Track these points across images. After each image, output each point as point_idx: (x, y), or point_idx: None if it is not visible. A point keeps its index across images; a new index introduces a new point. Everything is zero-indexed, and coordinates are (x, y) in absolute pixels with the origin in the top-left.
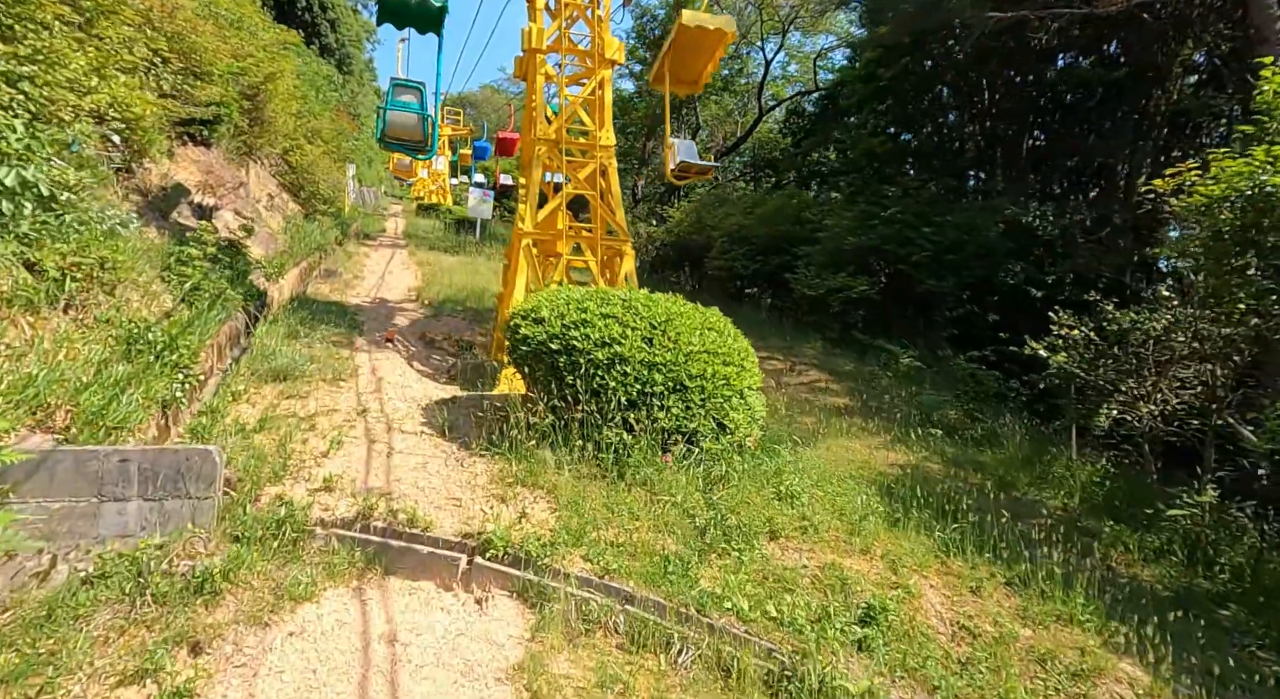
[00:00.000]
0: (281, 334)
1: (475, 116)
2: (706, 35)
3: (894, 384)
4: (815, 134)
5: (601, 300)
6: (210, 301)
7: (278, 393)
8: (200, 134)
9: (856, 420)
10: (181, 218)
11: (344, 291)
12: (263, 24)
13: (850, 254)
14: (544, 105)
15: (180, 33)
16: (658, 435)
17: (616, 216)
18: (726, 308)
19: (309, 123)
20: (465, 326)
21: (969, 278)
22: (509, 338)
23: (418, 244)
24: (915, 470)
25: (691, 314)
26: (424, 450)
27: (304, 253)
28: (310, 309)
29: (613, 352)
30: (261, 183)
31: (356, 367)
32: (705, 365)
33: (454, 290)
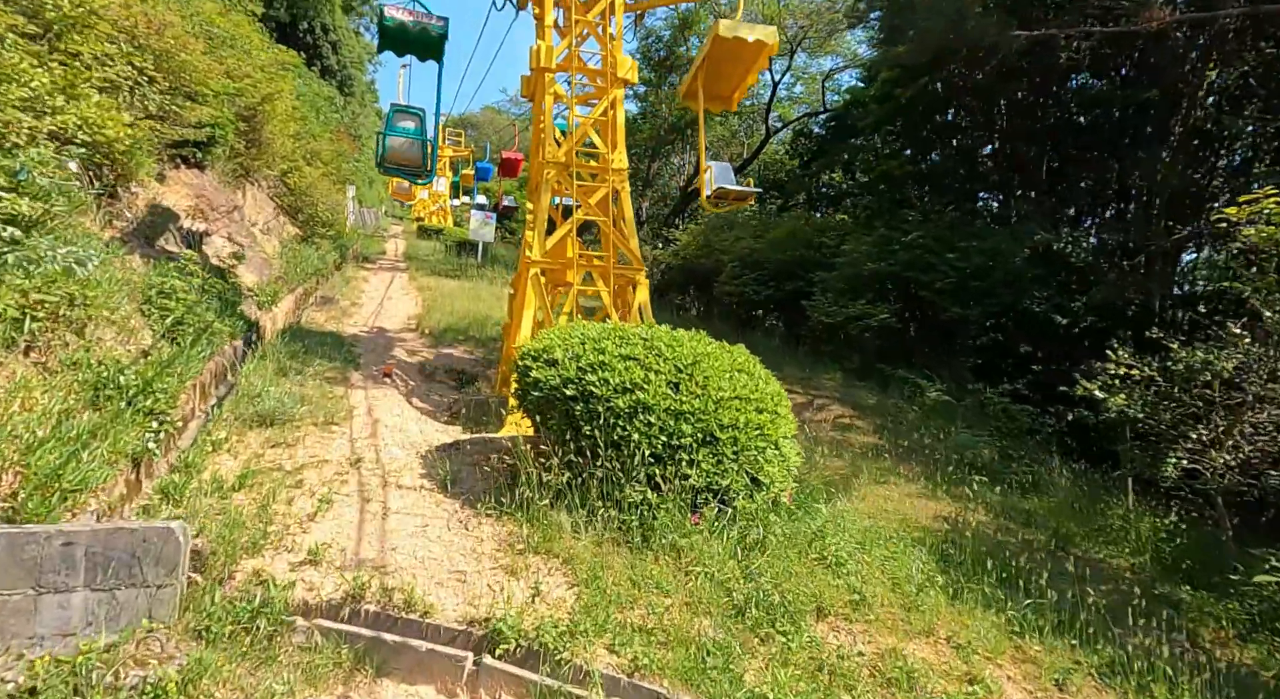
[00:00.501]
0: (271, 371)
1: (476, 137)
2: (744, 47)
3: (921, 419)
4: (823, 156)
5: (620, 339)
6: (194, 337)
7: (263, 441)
8: (193, 156)
9: (888, 463)
10: (169, 245)
11: (340, 320)
12: (260, 44)
13: (869, 280)
14: (553, 126)
15: (168, 51)
16: (686, 494)
17: (630, 243)
18: (737, 335)
19: (308, 144)
20: (467, 358)
21: (994, 306)
22: (518, 381)
23: (418, 267)
24: (961, 523)
25: (719, 355)
26: (424, 510)
27: (300, 279)
28: (304, 341)
29: (635, 399)
30: (259, 205)
31: (351, 407)
32: (737, 413)
33: (455, 318)
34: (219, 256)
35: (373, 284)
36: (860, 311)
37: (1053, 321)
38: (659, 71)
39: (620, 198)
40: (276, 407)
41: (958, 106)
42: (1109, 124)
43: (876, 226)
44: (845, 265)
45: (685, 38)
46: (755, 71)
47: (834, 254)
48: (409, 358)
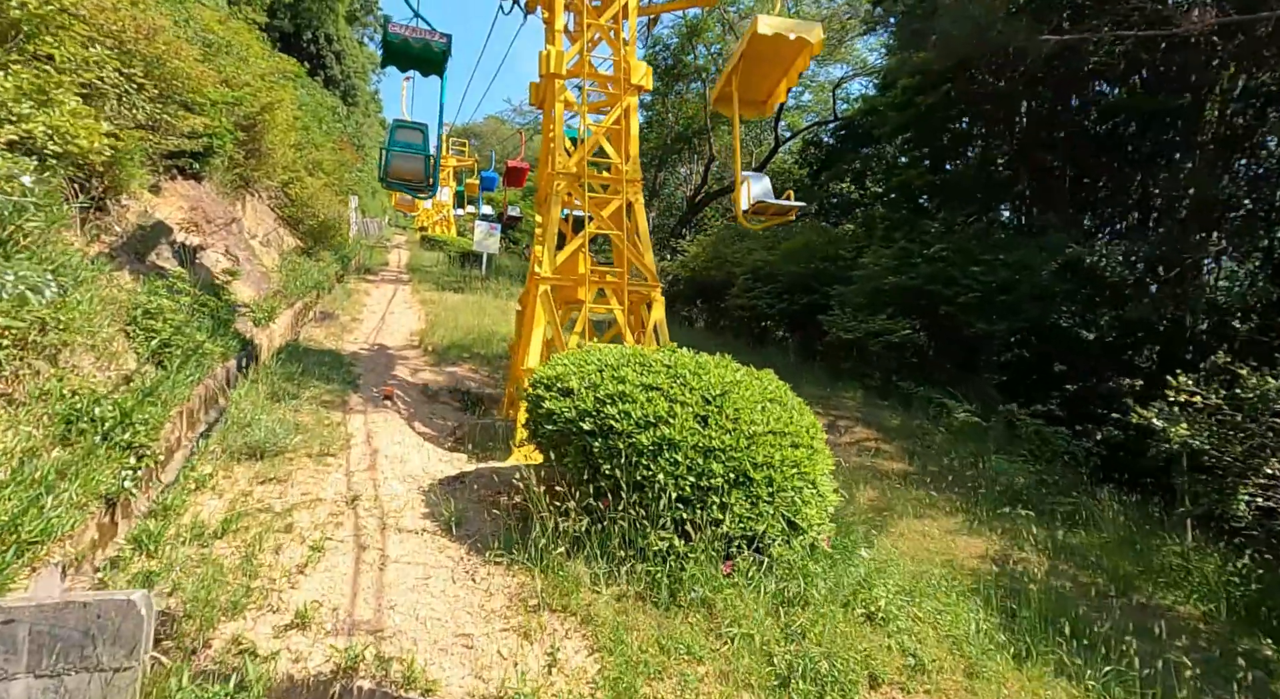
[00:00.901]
0: (264, 396)
1: (480, 147)
2: (784, 46)
3: (950, 442)
4: (833, 165)
5: (641, 366)
6: (182, 360)
7: (252, 476)
8: (189, 167)
9: (921, 493)
10: (161, 260)
11: (340, 337)
12: (260, 52)
13: (890, 294)
14: (563, 135)
15: (160, 57)
16: (718, 541)
17: (645, 258)
18: (750, 350)
19: (310, 154)
20: (472, 377)
21: (1021, 321)
22: (529, 412)
23: (421, 279)
24: (1011, 565)
25: (750, 384)
26: (426, 558)
27: (299, 293)
28: (301, 360)
29: (659, 434)
30: (259, 217)
31: (349, 435)
32: (772, 450)
33: (459, 334)
34: (215, 271)
35: (374, 297)
36: (881, 327)
37: (1078, 337)
38: (665, 80)
39: (634, 210)
40: (268, 437)
41: (978, 114)
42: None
43: (896, 238)
44: (864, 278)
45: (693, 46)
46: (795, 73)
47: (851, 267)
48: (411, 378)
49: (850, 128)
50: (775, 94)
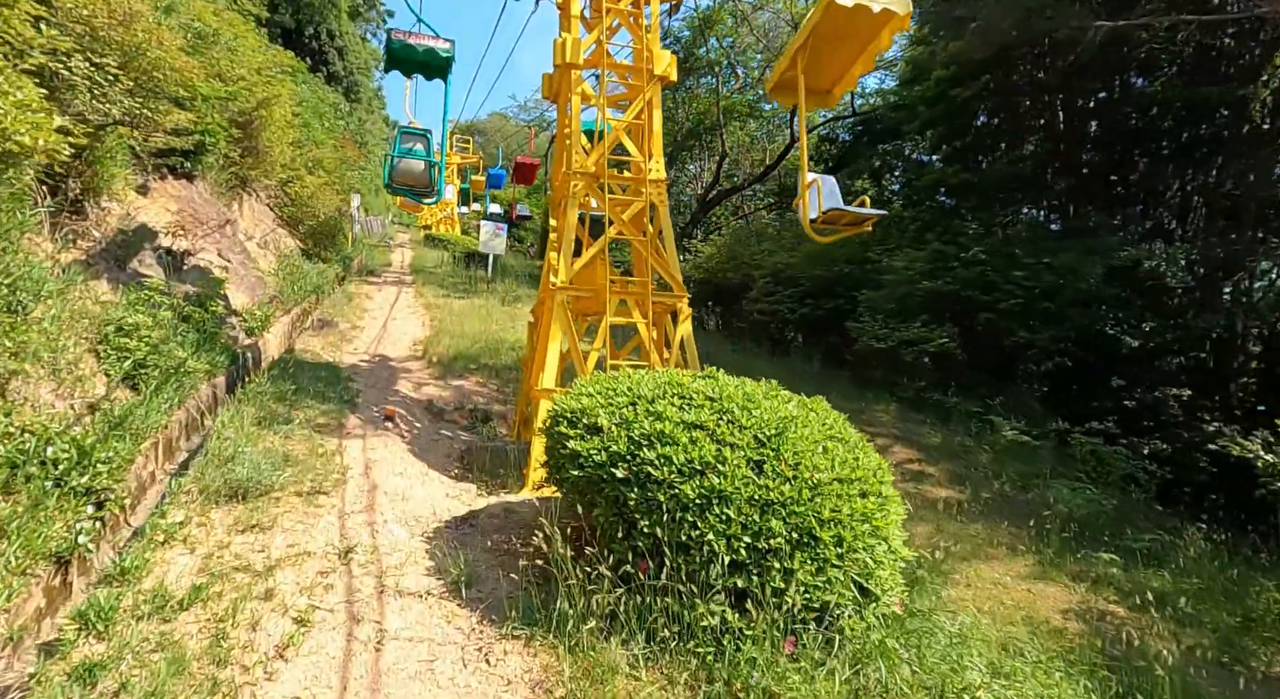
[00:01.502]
0: (250, 420)
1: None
2: (864, 20)
3: (997, 464)
4: (850, 163)
5: (681, 399)
6: (160, 381)
7: (232, 522)
8: (181, 166)
9: (979, 527)
10: (143, 267)
11: (339, 347)
12: (256, 45)
13: (923, 300)
14: (580, 131)
15: (138, 46)
16: (781, 615)
17: (669, 266)
18: (771, 357)
19: (310, 152)
20: (480, 391)
21: (1067, 329)
22: (549, 451)
23: (425, 281)
24: (1098, 620)
25: (808, 419)
26: (431, 632)
27: (297, 297)
28: (296, 376)
29: (708, 485)
30: (256, 217)
31: (345, 467)
32: (840, 501)
33: (466, 342)
34: (206, 277)
35: (376, 301)
36: (915, 335)
37: (1119, 345)
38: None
39: (658, 213)
40: (252, 474)
41: (1016, 108)
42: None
43: (928, 240)
44: (896, 283)
45: (705, 39)
46: (872, 55)
47: (879, 270)
48: (414, 393)
49: (868, 123)
50: (845, 80)
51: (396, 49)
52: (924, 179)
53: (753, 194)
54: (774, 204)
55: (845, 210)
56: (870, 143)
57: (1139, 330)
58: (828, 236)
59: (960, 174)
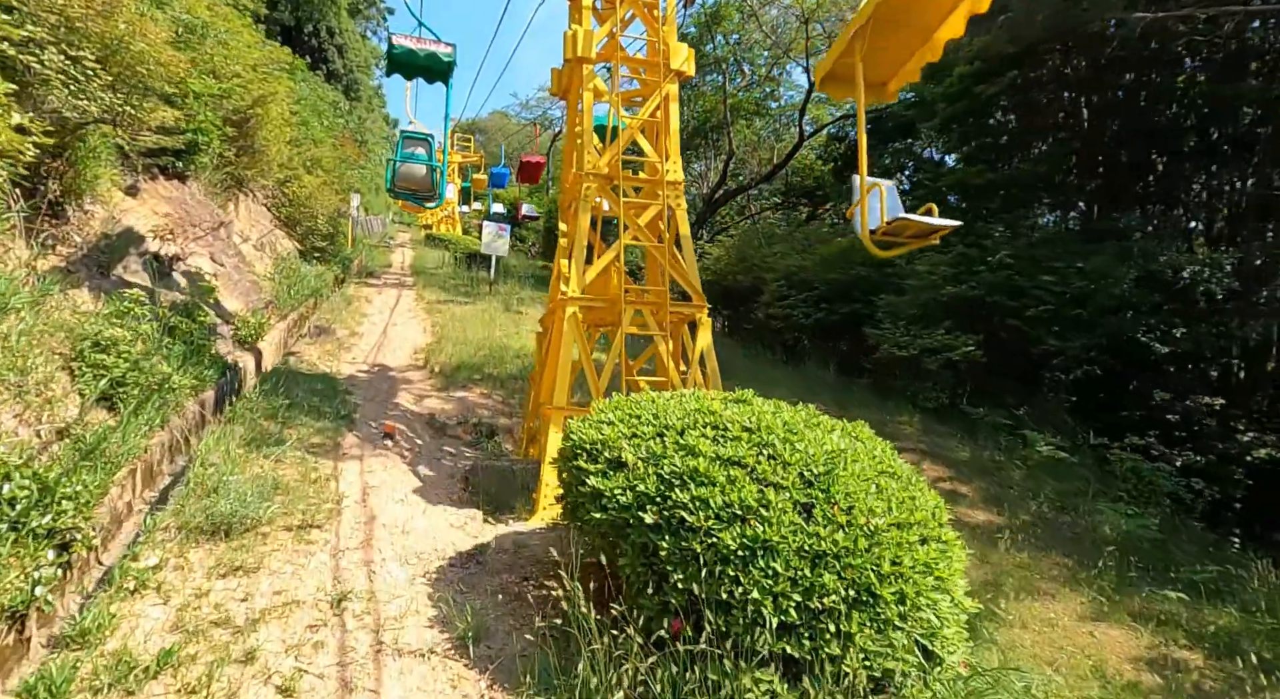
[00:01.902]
0: (239, 442)
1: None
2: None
3: (1031, 480)
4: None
5: (712, 427)
6: (140, 400)
7: (213, 564)
8: (172, 166)
9: (1024, 556)
10: (128, 273)
11: (337, 355)
12: (252, 40)
13: (947, 307)
14: (592, 130)
15: (120, 39)
16: (839, 686)
17: (688, 273)
18: (784, 364)
19: (309, 151)
20: (484, 403)
21: (1099, 336)
22: (566, 487)
23: (426, 283)
24: (1171, 668)
25: (857, 452)
26: None
27: (294, 302)
28: (290, 389)
29: (750, 533)
30: (253, 218)
31: (340, 495)
32: (900, 550)
33: (469, 350)
34: (196, 284)
35: (376, 305)
36: (939, 343)
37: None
38: None
39: (675, 217)
40: (237, 506)
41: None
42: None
43: (952, 243)
44: (918, 289)
45: (712, 35)
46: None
47: (900, 274)
48: (415, 406)
49: (878, 122)
50: (905, 71)
51: (398, 54)
52: (945, 179)
53: (758, 194)
54: (780, 204)
55: (912, 220)
56: (881, 141)
57: (1169, 337)
58: (890, 250)
59: (984, 174)
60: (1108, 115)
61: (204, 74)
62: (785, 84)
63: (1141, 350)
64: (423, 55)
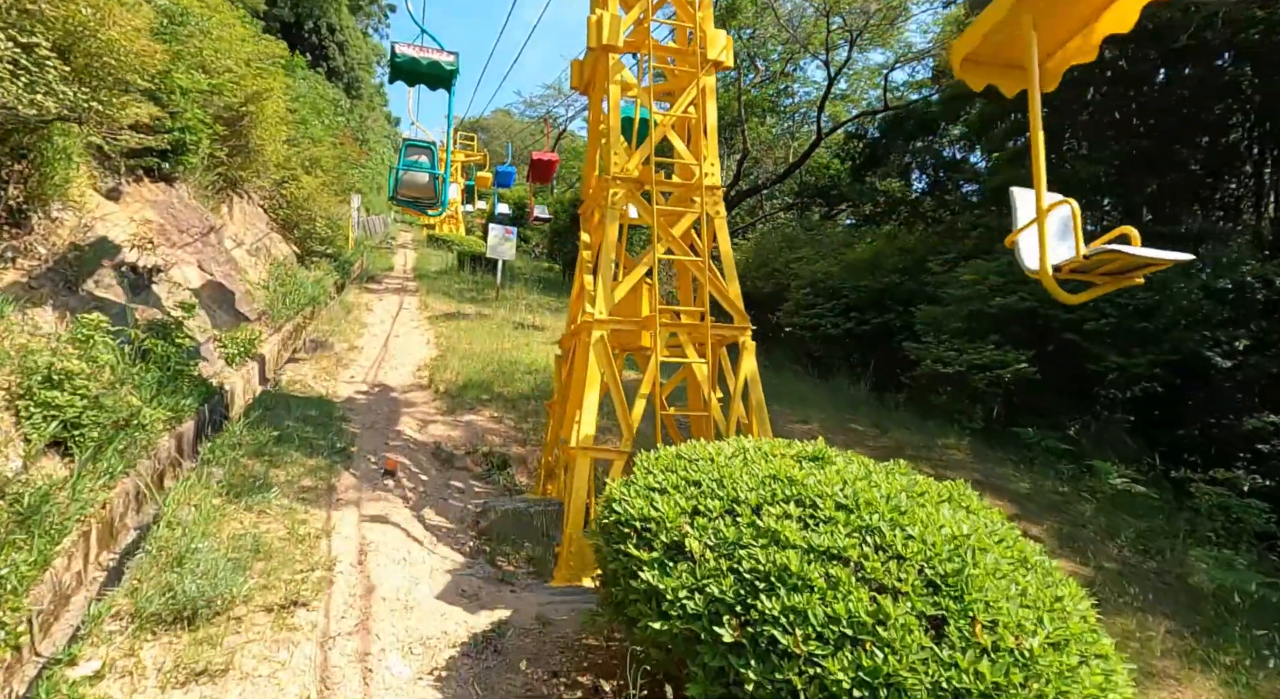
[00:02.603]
0: (215, 491)
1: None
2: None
3: (1104, 516)
4: (880, 161)
5: (794, 500)
6: (102, 442)
7: (171, 664)
8: (158, 167)
9: (1129, 622)
10: (100, 288)
11: (334, 374)
12: (245, 34)
13: (995, 319)
14: (619, 129)
15: (85, 25)
16: None
17: (729, 290)
18: (814, 378)
19: (307, 150)
20: (494, 427)
21: (1167, 352)
22: (610, 574)
23: (429, 288)
24: None
25: (983, 537)
26: None
27: (289, 313)
28: (280, 416)
29: (867, 663)
30: (248, 221)
31: (333, 559)
32: (1064, 682)
33: (476, 365)
34: (181, 297)
35: (377, 313)
36: (989, 359)
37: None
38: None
39: (714, 226)
40: (205, 585)
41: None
42: None
43: (1000, 249)
44: (964, 300)
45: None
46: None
47: (938, 282)
48: (419, 433)
49: (900, 119)
50: (1065, 52)
51: (401, 62)
52: (991, 179)
53: (769, 194)
54: (794, 204)
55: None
56: (903, 139)
57: (1231, 350)
58: (1080, 294)
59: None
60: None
61: (192, 69)
62: (800, 80)
63: (1203, 365)
64: (425, 63)
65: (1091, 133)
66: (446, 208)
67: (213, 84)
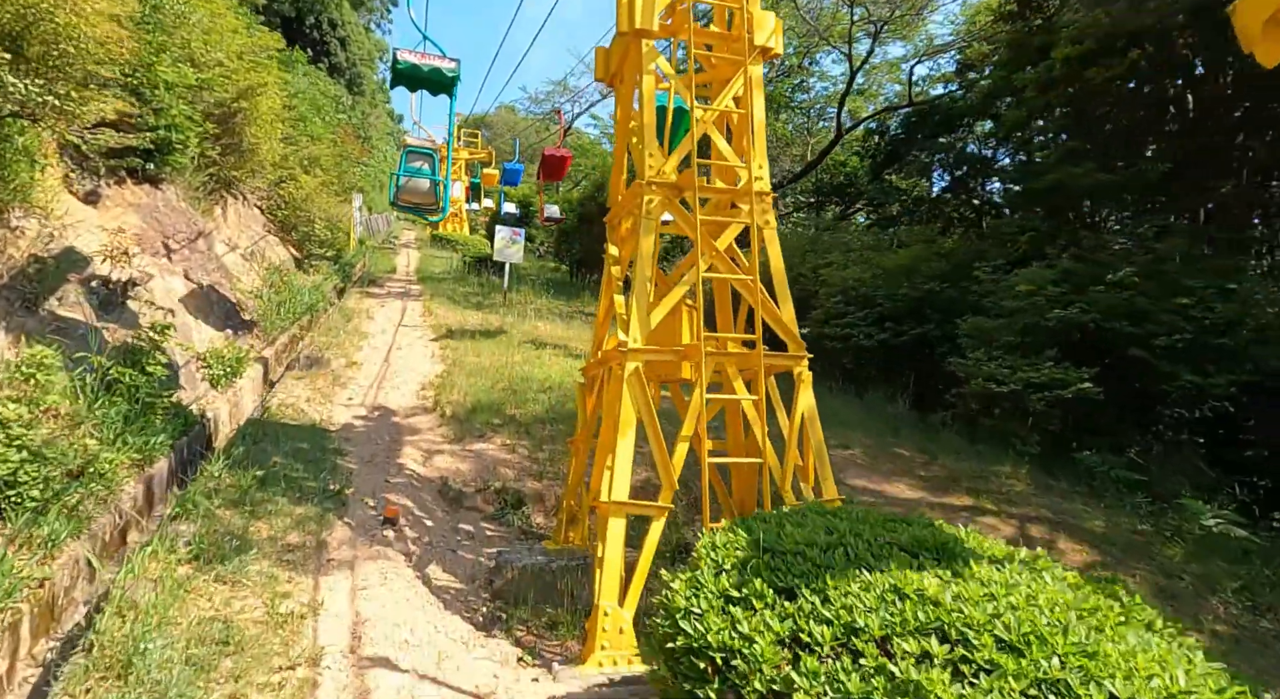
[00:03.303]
0: (181, 555)
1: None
2: None
3: (1195, 562)
4: (902, 159)
5: (936, 630)
6: (45, 501)
7: None
8: (142, 168)
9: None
10: (65, 306)
11: (330, 395)
12: (235, 25)
13: (1052, 333)
14: (651, 126)
15: (36, 7)
16: None
17: (782, 313)
18: (847, 393)
19: (306, 149)
20: (507, 458)
21: (1247, 371)
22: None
23: (433, 292)
24: None
25: (1207, 693)
26: None
27: (284, 323)
28: (267, 451)
29: None
30: (242, 224)
31: (318, 651)
32: None
33: (485, 383)
34: (166, 310)
35: (378, 321)
36: (1047, 377)
37: None
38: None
39: (764, 237)
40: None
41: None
42: None
43: (1053, 256)
44: (1019, 312)
45: None
46: None
47: (983, 292)
48: (423, 466)
49: (924, 115)
50: None
51: (403, 69)
52: (1042, 180)
53: (783, 193)
54: (810, 203)
55: None
56: (927, 135)
57: None
58: None
59: (1093, 174)
60: (1253, 102)
61: (180, 62)
62: (817, 74)
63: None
64: (427, 70)
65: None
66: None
67: (201, 78)
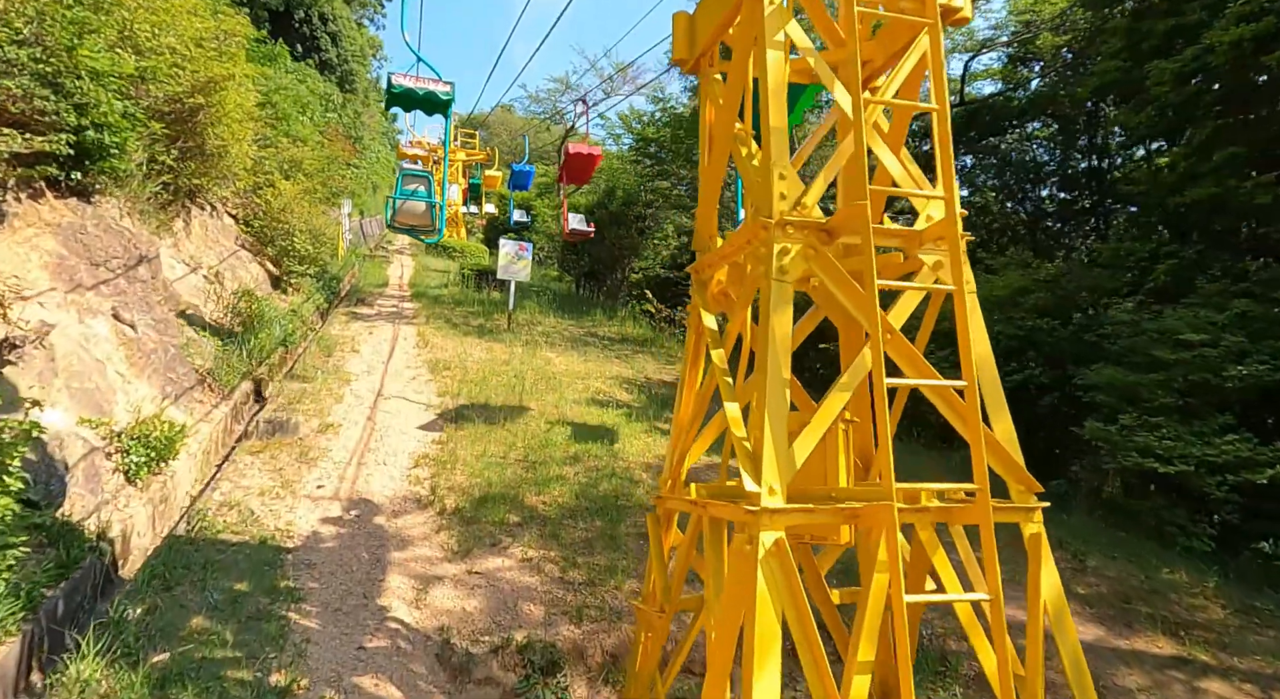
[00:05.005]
0: None
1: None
2: None
3: None
4: None
5: None
6: None
7: None
8: (67, 179)
9: None
10: None
11: (292, 483)
12: (194, 4)
13: (1230, 394)
14: (783, 130)
15: None
16: None
17: (997, 431)
18: (935, 451)
19: (285, 152)
20: (530, 584)
21: None
22: None
23: (429, 314)
24: None
25: None
26: None
27: (246, 368)
28: (185, 611)
29: None
30: (209, 240)
31: None
32: None
33: (496, 453)
34: (79, 371)
35: (364, 356)
36: (1230, 455)
37: None
38: None
39: (963, 312)
40: None
41: None
42: None
43: (1201, 287)
44: (1180, 366)
45: None
46: None
47: (1116, 334)
48: (415, 608)
49: (973, 115)
50: None
51: (398, 92)
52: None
53: None
54: None
55: None
56: (977, 137)
57: None
58: None
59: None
60: None
61: (115, 47)
62: None
63: None
64: (421, 93)
65: None
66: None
67: (144, 68)
